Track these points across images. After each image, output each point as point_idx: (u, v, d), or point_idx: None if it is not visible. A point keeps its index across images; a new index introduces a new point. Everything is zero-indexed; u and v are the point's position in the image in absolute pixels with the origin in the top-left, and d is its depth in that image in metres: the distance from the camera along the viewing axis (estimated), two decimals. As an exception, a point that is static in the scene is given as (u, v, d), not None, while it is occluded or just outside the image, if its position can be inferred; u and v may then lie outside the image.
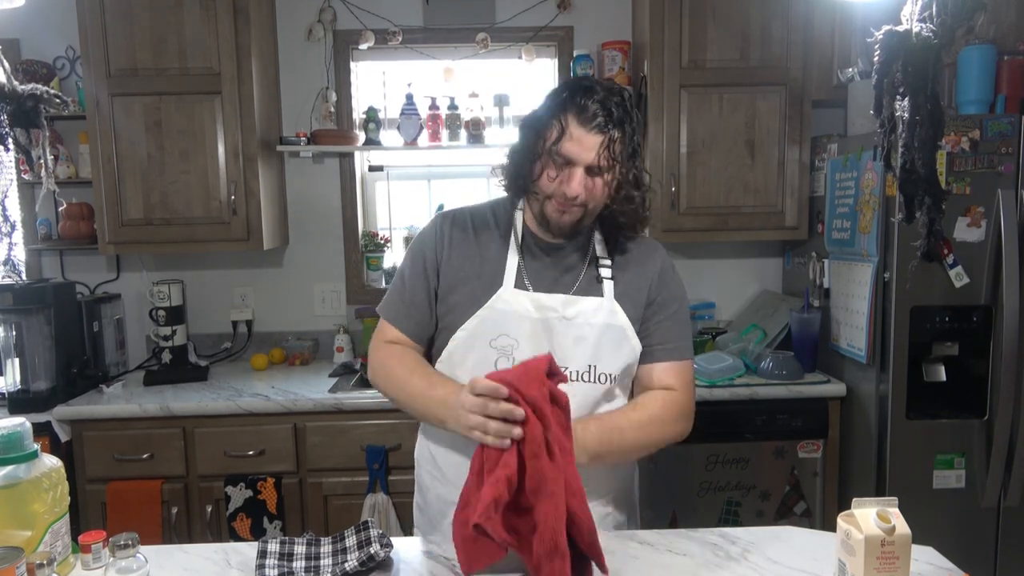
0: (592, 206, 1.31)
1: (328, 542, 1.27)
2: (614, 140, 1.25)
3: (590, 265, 1.38)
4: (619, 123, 1.26)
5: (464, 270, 1.36)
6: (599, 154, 1.25)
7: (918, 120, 1.23)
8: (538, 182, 1.30)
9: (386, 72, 3.00)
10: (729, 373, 2.45)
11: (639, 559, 1.22)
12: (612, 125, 1.25)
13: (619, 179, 1.30)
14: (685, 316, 1.41)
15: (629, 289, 1.36)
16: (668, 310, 1.38)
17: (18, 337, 2.43)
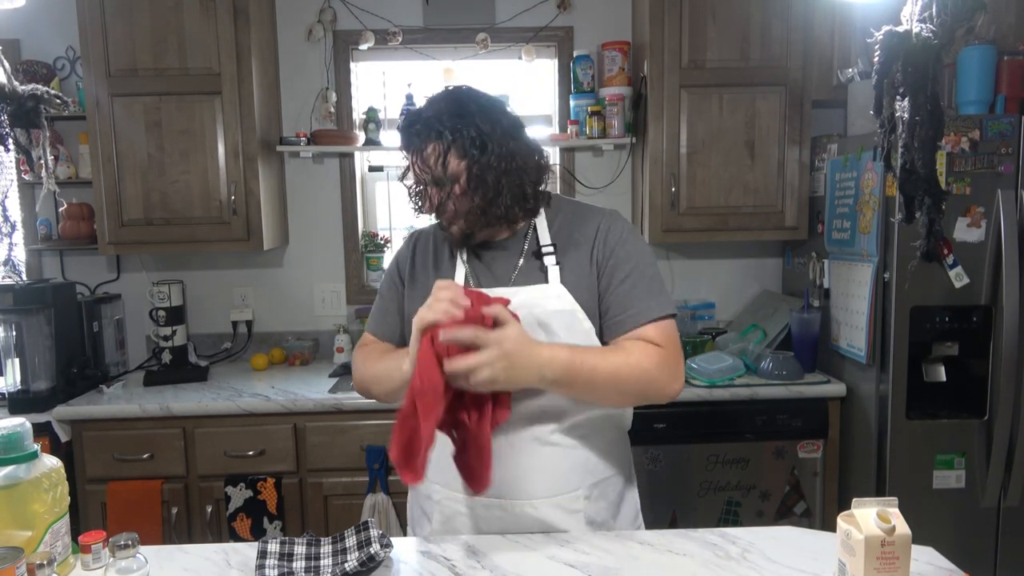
0: (463, 210, 1.30)
1: (328, 542, 1.27)
2: (432, 151, 1.27)
3: (533, 255, 1.36)
4: (430, 134, 1.27)
5: (423, 278, 1.42)
6: (426, 168, 1.28)
7: (918, 120, 1.23)
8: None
9: (386, 72, 3.00)
10: (729, 373, 2.45)
11: (639, 559, 1.22)
12: (422, 139, 1.28)
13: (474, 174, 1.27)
14: (647, 273, 1.33)
15: (576, 269, 1.33)
16: (620, 273, 1.32)
17: (18, 337, 2.43)
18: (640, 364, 1.24)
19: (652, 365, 1.24)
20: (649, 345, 1.27)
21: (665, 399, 1.28)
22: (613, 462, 1.39)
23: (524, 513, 1.32)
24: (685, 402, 2.39)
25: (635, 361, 1.24)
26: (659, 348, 1.27)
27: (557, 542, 1.29)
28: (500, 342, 1.12)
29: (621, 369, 1.22)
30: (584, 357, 1.20)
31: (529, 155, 1.33)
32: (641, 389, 1.25)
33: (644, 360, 1.24)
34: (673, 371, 1.27)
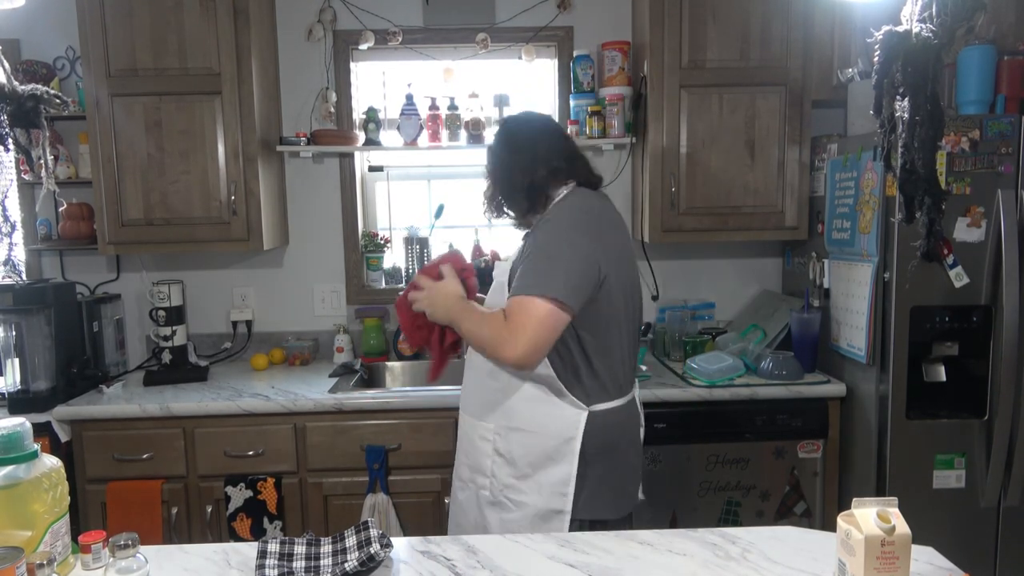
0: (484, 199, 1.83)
1: (328, 542, 1.27)
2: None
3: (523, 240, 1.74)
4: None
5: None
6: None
7: (918, 120, 1.23)
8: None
9: (386, 72, 3.00)
10: (729, 373, 2.45)
11: (639, 559, 1.23)
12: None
13: (487, 179, 1.81)
14: (539, 257, 1.58)
15: (519, 252, 1.69)
16: (524, 256, 1.62)
17: (18, 337, 2.43)
18: (483, 329, 1.60)
19: (490, 332, 1.57)
20: (501, 314, 1.58)
21: (505, 362, 1.57)
22: (534, 425, 1.65)
23: (462, 420, 1.79)
24: (685, 402, 2.39)
25: (485, 326, 1.60)
26: (505, 319, 1.55)
27: (557, 542, 1.29)
28: (430, 288, 1.74)
29: (474, 330, 1.63)
30: (464, 315, 1.66)
31: (524, 171, 1.68)
32: (484, 348, 1.61)
33: (488, 327, 1.58)
34: (505, 340, 1.53)
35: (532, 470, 1.64)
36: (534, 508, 1.63)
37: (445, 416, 2.36)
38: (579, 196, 1.68)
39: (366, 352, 2.88)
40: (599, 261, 1.59)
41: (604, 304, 1.62)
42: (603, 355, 1.65)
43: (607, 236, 1.65)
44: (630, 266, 1.73)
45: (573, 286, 1.53)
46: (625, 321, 1.69)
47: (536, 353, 1.53)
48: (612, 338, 1.66)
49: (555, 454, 1.63)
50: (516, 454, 1.66)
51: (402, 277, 3.04)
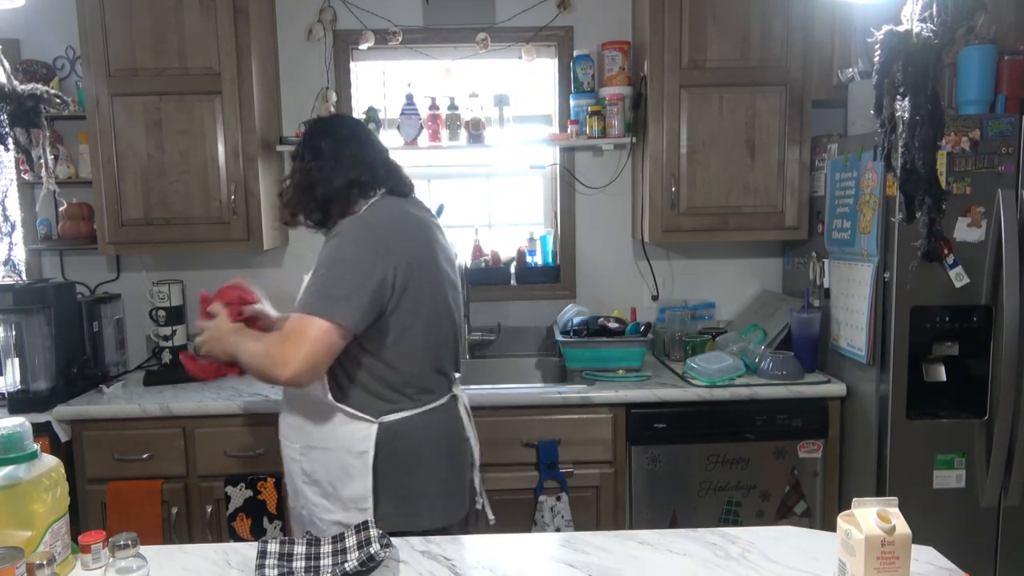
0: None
1: (328, 542, 1.27)
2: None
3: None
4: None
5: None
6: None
7: (918, 120, 1.23)
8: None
9: (386, 72, 3.00)
10: (729, 373, 2.45)
11: (639, 559, 1.23)
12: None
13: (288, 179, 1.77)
14: (319, 276, 1.57)
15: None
16: (312, 271, 1.61)
17: (18, 337, 2.43)
18: (258, 353, 1.57)
19: (265, 353, 1.56)
20: (277, 335, 1.58)
21: (277, 382, 1.55)
22: (329, 441, 1.64)
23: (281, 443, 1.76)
24: (685, 402, 2.39)
25: (259, 349, 1.58)
26: (281, 337, 1.54)
27: (557, 542, 1.29)
28: (208, 328, 1.71)
29: (250, 360, 1.59)
30: (239, 347, 1.62)
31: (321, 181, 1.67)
32: (261, 370, 1.57)
33: (263, 348, 1.57)
34: (277, 361, 1.52)
35: (333, 488, 1.64)
36: (341, 527, 1.61)
37: (445, 416, 2.36)
38: (375, 208, 1.65)
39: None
40: (387, 275, 1.56)
41: (403, 312, 1.60)
42: (401, 363, 1.63)
43: (401, 244, 1.60)
44: (436, 268, 1.70)
45: (353, 306, 1.52)
46: (431, 324, 1.66)
47: (309, 372, 1.52)
48: (414, 344, 1.63)
49: (351, 469, 1.62)
50: (319, 473, 1.65)
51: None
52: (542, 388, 2.49)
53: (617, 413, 2.39)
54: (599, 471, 2.41)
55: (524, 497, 2.39)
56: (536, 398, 2.38)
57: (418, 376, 1.66)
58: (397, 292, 1.58)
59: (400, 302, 1.59)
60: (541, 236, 3.01)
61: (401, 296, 1.59)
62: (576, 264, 3.01)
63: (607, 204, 2.98)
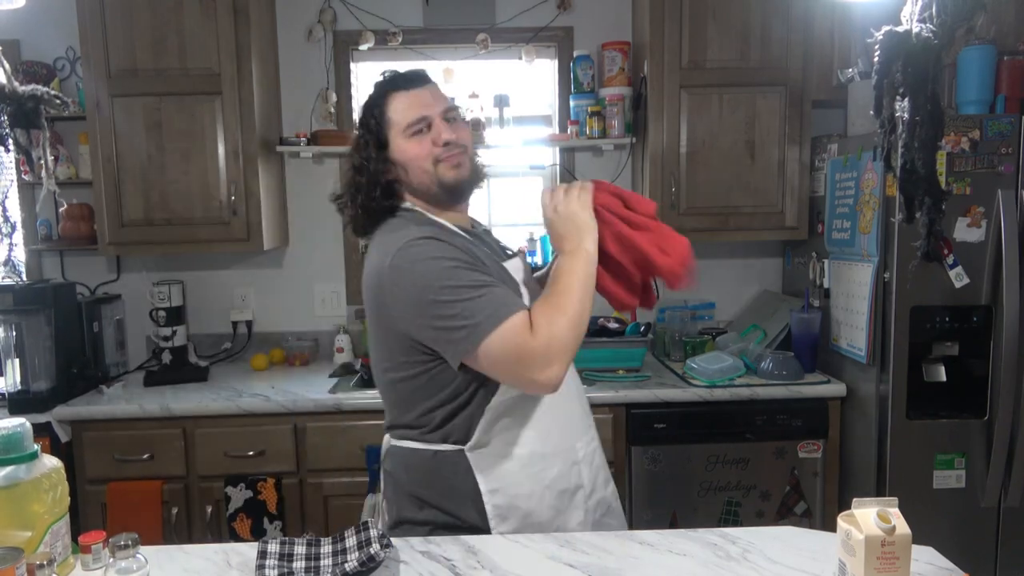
0: (470, 149, 1.43)
1: (328, 542, 1.27)
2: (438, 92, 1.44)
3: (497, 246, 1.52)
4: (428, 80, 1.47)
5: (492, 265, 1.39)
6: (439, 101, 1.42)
7: (918, 120, 1.23)
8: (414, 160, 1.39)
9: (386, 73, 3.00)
10: (729, 373, 2.45)
11: (639, 559, 1.22)
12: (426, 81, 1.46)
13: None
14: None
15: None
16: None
17: (18, 337, 2.43)
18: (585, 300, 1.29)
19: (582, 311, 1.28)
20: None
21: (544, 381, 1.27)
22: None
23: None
24: (685, 402, 2.39)
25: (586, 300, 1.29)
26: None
27: (557, 542, 1.29)
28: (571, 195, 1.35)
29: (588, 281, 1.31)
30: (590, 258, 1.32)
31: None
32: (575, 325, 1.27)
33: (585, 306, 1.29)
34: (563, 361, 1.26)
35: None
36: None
37: (445, 416, 2.36)
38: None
39: (366, 352, 2.88)
40: None
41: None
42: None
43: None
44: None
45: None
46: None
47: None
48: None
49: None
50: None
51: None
52: (542, 388, 2.49)
53: (617, 413, 2.39)
54: (599, 471, 2.41)
55: (524, 497, 2.39)
56: (536, 398, 2.38)
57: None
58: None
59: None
60: (541, 236, 3.01)
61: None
62: (576, 264, 3.01)
63: (607, 204, 2.98)
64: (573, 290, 1.26)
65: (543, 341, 1.21)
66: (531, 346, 1.21)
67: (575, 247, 1.31)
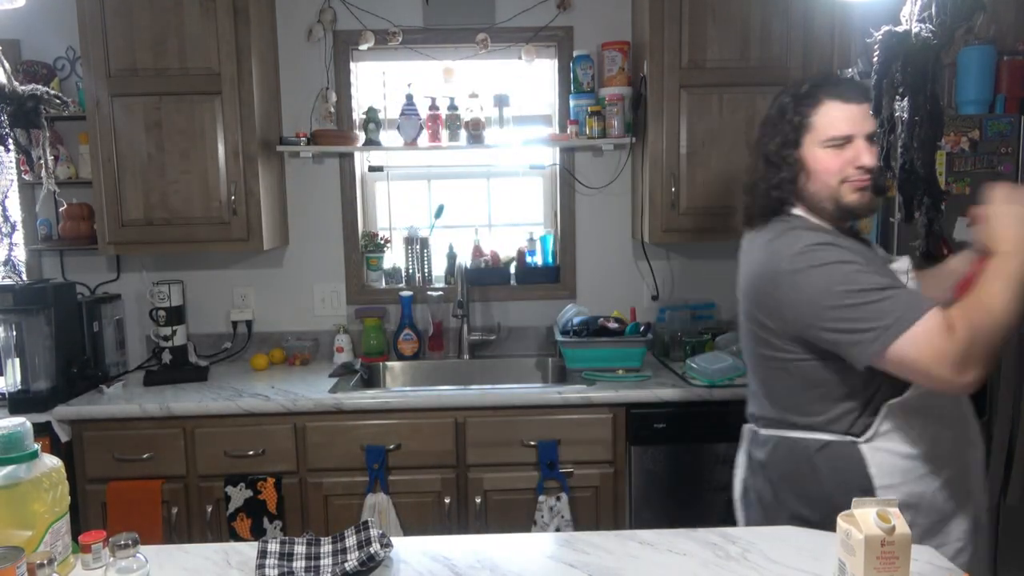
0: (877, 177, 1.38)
1: (328, 542, 1.27)
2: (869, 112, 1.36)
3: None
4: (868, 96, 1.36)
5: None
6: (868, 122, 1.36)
7: (917, 120, 1.23)
8: (823, 173, 1.39)
9: (386, 72, 3.00)
10: (729, 373, 2.45)
11: (639, 559, 1.23)
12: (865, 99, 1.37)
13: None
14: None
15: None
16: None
17: (18, 337, 2.43)
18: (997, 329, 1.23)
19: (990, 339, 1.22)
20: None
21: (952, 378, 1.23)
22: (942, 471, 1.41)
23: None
24: (685, 402, 2.39)
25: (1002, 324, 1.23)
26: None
27: (557, 542, 1.29)
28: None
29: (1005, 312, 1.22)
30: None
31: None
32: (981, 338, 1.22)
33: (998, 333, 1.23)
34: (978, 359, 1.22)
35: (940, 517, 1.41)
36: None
37: (445, 416, 2.36)
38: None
39: (366, 352, 2.88)
40: None
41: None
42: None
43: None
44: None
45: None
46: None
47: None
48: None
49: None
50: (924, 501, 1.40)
51: (402, 277, 3.04)
52: (542, 388, 2.49)
53: (617, 413, 2.39)
54: (599, 471, 2.41)
55: (524, 497, 2.39)
56: (536, 398, 2.38)
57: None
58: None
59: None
60: (541, 236, 3.01)
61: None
62: (576, 264, 3.01)
63: (607, 204, 2.98)
64: (1003, 292, 1.22)
65: (963, 342, 1.20)
66: (948, 347, 1.20)
67: (1014, 249, 1.25)
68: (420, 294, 2.95)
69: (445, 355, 2.95)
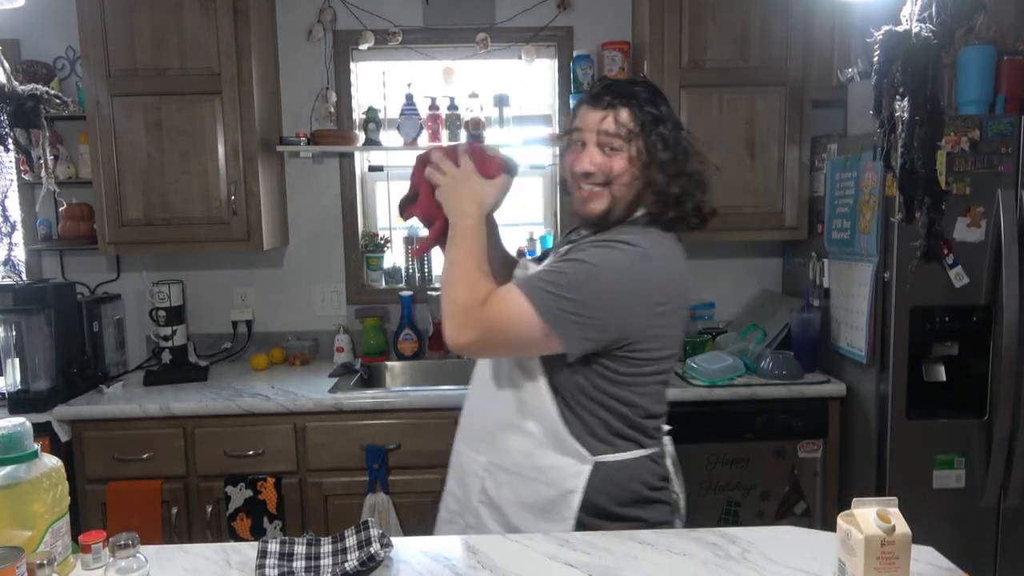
0: (616, 189, 1.35)
1: (328, 542, 1.27)
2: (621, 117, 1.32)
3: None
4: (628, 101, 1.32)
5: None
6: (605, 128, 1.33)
7: (918, 120, 1.23)
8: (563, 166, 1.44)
9: (386, 72, 3.00)
10: (729, 373, 2.45)
11: (639, 559, 1.22)
12: (620, 103, 1.31)
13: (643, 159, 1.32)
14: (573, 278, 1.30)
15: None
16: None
17: (18, 337, 2.43)
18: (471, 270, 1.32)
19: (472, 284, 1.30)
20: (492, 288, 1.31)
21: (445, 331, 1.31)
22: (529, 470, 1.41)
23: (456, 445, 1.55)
24: (685, 402, 2.39)
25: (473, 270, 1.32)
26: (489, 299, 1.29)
27: (557, 542, 1.29)
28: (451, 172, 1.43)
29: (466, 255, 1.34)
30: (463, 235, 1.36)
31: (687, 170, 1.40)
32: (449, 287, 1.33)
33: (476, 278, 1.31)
34: (466, 313, 1.28)
35: (519, 522, 1.40)
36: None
37: (445, 415, 2.36)
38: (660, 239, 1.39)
39: (366, 352, 2.88)
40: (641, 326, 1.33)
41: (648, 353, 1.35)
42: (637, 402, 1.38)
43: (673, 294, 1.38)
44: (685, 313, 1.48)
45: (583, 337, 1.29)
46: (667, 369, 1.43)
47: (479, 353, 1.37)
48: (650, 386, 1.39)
49: (548, 508, 1.37)
50: (504, 500, 1.41)
51: (402, 277, 3.04)
52: (542, 388, 2.49)
53: (617, 413, 2.39)
54: (599, 471, 2.40)
55: (524, 497, 2.39)
56: (536, 398, 2.38)
57: (647, 418, 1.41)
58: (642, 342, 1.33)
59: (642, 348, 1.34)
60: (541, 236, 3.01)
61: (645, 343, 1.34)
62: (576, 264, 3.01)
63: (607, 204, 2.98)
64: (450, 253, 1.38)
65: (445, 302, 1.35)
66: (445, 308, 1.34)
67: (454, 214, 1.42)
68: (420, 294, 2.95)
69: (445, 355, 2.95)
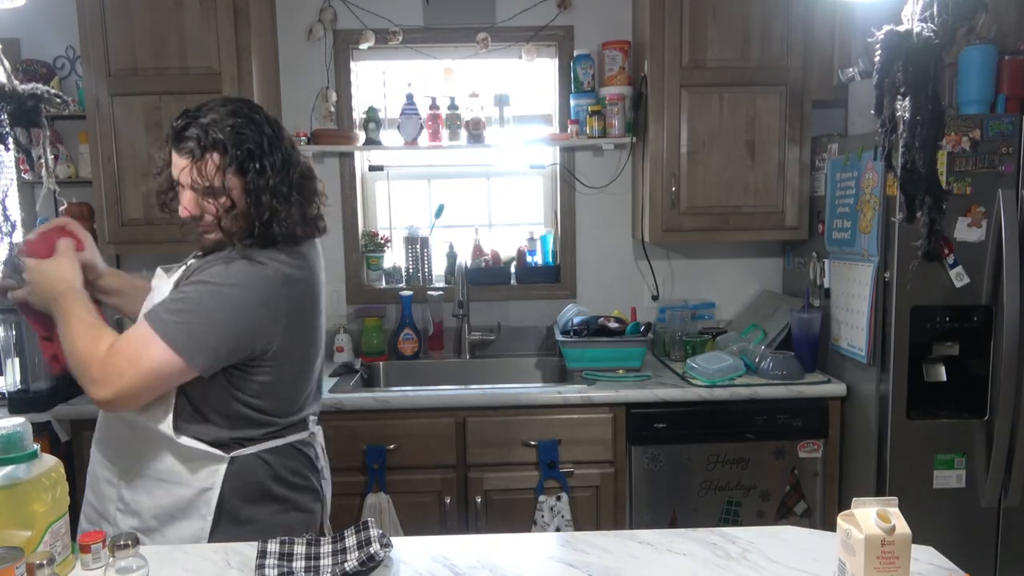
0: (225, 223, 1.52)
1: (328, 542, 1.27)
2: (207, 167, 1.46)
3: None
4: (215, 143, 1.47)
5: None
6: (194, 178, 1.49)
7: (919, 120, 1.23)
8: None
9: (386, 72, 3.00)
10: (729, 373, 2.45)
11: (639, 559, 1.22)
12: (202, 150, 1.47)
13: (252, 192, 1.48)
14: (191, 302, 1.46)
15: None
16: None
17: (18, 337, 2.43)
18: (90, 337, 1.39)
19: (91, 347, 1.37)
20: (114, 336, 1.41)
21: (87, 392, 1.37)
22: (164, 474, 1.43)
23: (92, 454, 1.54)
24: (685, 402, 2.39)
25: (91, 334, 1.39)
26: (114, 345, 1.38)
27: (557, 542, 1.29)
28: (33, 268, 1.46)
29: (79, 330, 1.39)
30: (76, 309, 1.42)
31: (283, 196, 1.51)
32: (74, 358, 1.39)
33: (95, 340, 1.38)
34: (97, 370, 1.34)
35: (159, 524, 1.41)
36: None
37: (445, 416, 2.36)
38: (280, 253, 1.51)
39: (366, 352, 2.88)
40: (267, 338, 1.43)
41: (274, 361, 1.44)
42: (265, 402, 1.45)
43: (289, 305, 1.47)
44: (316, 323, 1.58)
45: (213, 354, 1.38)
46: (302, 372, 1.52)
47: (125, 404, 1.35)
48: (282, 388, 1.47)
49: (187, 508, 1.40)
50: (142, 505, 1.41)
51: (402, 277, 3.04)
52: (542, 388, 2.49)
53: (617, 413, 2.39)
54: (599, 471, 2.41)
55: (524, 497, 2.39)
56: (536, 398, 2.38)
57: (280, 415, 1.47)
58: (272, 350, 1.42)
59: (272, 355, 1.43)
60: (541, 236, 3.01)
61: (274, 351, 1.43)
62: (576, 264, 3.01)
63: (607, 204, 2.98)
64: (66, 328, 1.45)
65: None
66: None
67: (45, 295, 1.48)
68: (420, 294, 2.95)
69: (445, 355, 2.95)
